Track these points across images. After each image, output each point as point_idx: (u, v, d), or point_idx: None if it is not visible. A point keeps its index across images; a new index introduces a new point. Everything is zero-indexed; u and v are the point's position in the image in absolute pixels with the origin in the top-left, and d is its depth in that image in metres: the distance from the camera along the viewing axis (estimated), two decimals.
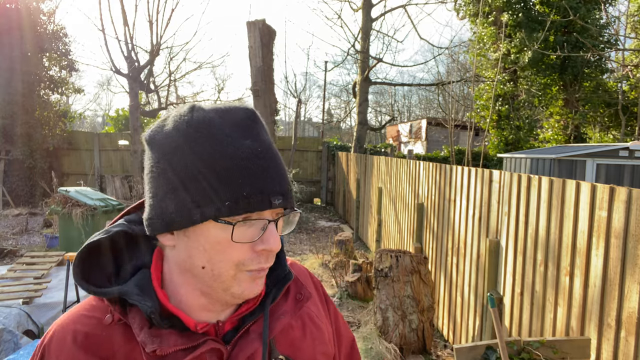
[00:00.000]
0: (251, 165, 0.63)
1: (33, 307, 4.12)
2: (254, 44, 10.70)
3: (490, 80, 14.02)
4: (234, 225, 0.63)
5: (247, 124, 0.66)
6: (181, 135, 0.64)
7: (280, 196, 0.65)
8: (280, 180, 0.65)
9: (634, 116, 13.59)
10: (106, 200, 6.57)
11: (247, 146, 0.64)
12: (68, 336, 0.67)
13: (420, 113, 39.01)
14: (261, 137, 0.66)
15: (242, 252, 0.65)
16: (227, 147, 0.63)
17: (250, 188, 0.62)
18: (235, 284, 0.67)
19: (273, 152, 0.66)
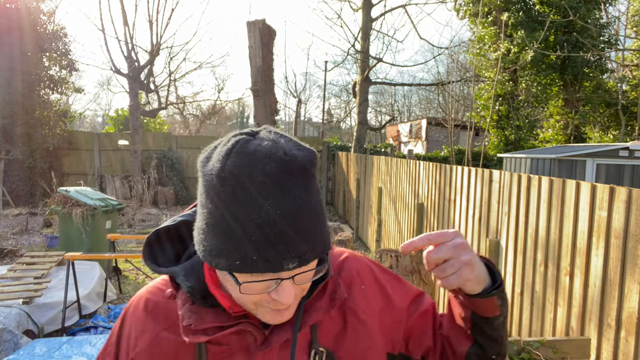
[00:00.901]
0: (264, 232, 0.63)
1: (33, 307, 4.11)
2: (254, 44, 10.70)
3: (490, 80, 14.02)
4: (239, 285, 0.66)
5: (279, 179, 0.64)
6: (213, 181, 0.66)
7: (296, 259, 0.65)
8: (298, 244, 0.65)
9: (634, 116, 13.59)
10: (106, 200, 6.57)
11: (265, 211, 0.63)
12: (141, 303, 0.82)
13: (420, 113, 39.00)
14: (290, 195, 0.64)
15: (257, 297, 0.69)
16: (246, 208, 0.63)
17: (260, 254, 0.64)
18: (260, 314, 0.72)
19: (298, 214, 0.65)
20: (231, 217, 0.64)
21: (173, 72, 17.77)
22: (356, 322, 0.82)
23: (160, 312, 0.80)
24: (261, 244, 0.63)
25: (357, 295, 0.85)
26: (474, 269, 0.73)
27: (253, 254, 0.64)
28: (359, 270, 0.89)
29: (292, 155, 0.65)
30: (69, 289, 4.27)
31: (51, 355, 3.29)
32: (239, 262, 0.64)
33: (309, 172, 0.67)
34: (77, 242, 6.10)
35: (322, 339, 0.80)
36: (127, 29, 12.48)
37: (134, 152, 12.66)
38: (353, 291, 0.85)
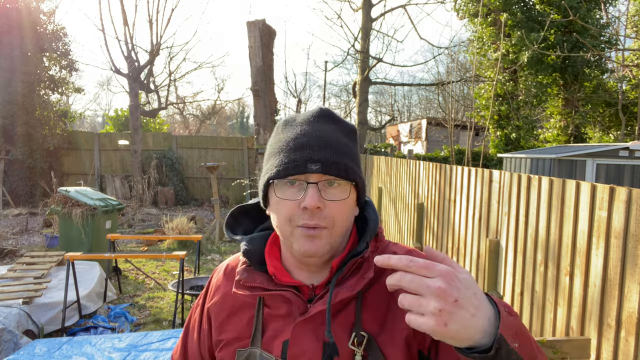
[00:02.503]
0: (297, 141, 0.83)
1: (33, 307, 4.11)
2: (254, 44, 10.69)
3: (490, 80, 14.02)
4: (274, 182, 0.83)
5: (313, 116, 0.87)
6: (274, 130, 0.92)
7: (319, 163, 0.81)
8: (320, 151, 0.82)
9: (634, 116, 13.59)
10: (106, 200, 6.57)
11: (300, 129, 0.85)
12: (223, 266, 1.02)
13: (420, 113, 39.00)
14: (318, 124, 0.86)
15: (290, 208, 0.82)
16: (288, 133, 0.86)
17: (291, 157, 0.82)
18: (294, 240, 0.83)
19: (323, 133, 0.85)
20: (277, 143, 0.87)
21: (173, 72, 17.77)
22: (397, 310, 0.83)
23: (233, 275, 0.95)
24: (292, 150, 0.83)
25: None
26: (448, 322, 0.59)
27: (285, 159, 0.83)
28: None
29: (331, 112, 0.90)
30: (69, 289, 4.27)
31: (51, 355, 3.29)
32: (275, 169, 0.83)
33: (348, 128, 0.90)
34: (77, 242, 6.09)
35: (367, 323, 0.85)
36: (127, 29, 12.48)
37: (134, 152, 12.66)
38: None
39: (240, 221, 1.01)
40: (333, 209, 0.82)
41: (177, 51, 26.99)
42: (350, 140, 0.88)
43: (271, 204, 0.87)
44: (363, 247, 0.87)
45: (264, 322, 0.89)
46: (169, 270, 6.83)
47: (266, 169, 0.87)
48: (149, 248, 8.14)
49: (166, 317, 4.92)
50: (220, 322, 0.95)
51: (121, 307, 5.07)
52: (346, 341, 0.83)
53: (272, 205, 0.87)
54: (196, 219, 9.88)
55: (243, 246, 0.93)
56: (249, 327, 0.90)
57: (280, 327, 0.87)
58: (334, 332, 0.83)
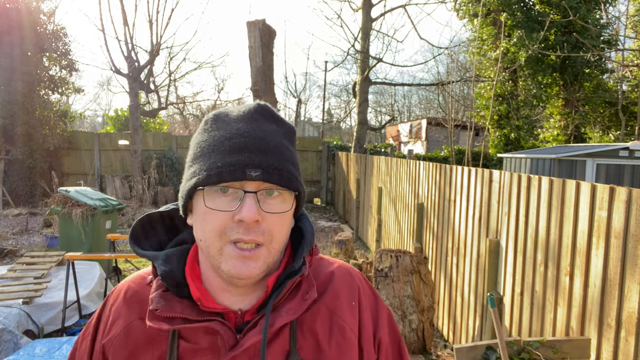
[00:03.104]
0: (233, 142, 0.70)
1: (33, 307, 4.11)
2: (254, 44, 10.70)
3: (490, 80, 14.02)
4: (203, 190, 0.70)
5: (251, 113, 0.74)
6: (200, 127, 0.77)
7: (259, 170, 0.69)
8: (261, 155, 0.70)
9: (634, 116, 13.59)
10: (106, 200, 6.57)
11: (236, 128, 0.72)
12: (123, 290, 0.82)
13: (420, 113, 39.00)
14: (257, 123, 0.73)
15: (222, 220, 0.69)
16: (221, 130, 0.73)
17: (225, 160, 0.69)
18: (223, 260, 0.70)
19: (263, 134, 0.72)
20: (205, 141, 0.73)
21: (173, 72, 17.76)
22: (341, 339, 0.77)
23: (138, 300, 0.78)
24: (227, 151, 0.70)
25: (345, 311, 0.79)
26: None
27: (219, 162, 0.69)
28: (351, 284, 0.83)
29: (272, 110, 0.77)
30: (69, 289, 4.27)
31: (51, 356, 3.29)
32: (205, 173, 0.69)
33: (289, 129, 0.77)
34: (77, 242, 6.09)
35: (302, 351, 0.74)
36: (127, 29, 12.48)
37: (134, 152, 12.66)
38: (342, 305, 0.80)
39: (150, 233, 0.83)
40: (272, 223, 0.71)
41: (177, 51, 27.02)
42: (291, 144, 0.77)
43: (196, 213, 0.73)
44: (300, 263, 0.76)
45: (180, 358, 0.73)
46: None
47: (192, 172, 0.72)
48: None
49: None
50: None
51: None
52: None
53: (198, 215, 0.72)
54: None
55: (159, 266, 0.75)
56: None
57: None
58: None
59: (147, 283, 0.79)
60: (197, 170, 0.71)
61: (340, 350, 0.76)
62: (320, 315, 0.77)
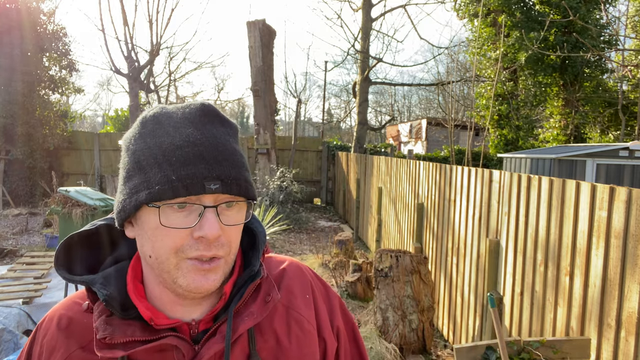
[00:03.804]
0: (185, 151, 0.64)
1: (33, 307, 4.11)
2: (254, 44, 10.68)
3: (490, 79, 14.03)
4: (159, 208, 0.64)
5: (197, 116, 0.67)
6: (136, 129, 0.68)
7: (218, 182, 0.64)
8: (219, 166, 0.65)
9: (634, 116, 13.59)
10: (106, 200, 6.57)
11: (186, 134, 0.65)
12: (55, 319, 0.73)
13: (420, 113, 39.00)
14: (207, 127, 0.67)
15: (179, 238, 0.65)
16: (168, 137, 0.65)
17: (180, 172, 0.63)
18: (180, 274, 0.66)
19: (216, 141, 0.66)
20: (150, 149, 0.65)
21: (173, 72, 17.77)
22: (300, 333, 0.76)
23: (76, 329, 0.71)
24: (181, 163, 0.63)
25: (300, 304, 0.79)
26: None
27: (172, 174, 0.62)
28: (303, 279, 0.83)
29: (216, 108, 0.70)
30: (69, 289, 4.27)
31: None
32: (158, 187, 0.63)
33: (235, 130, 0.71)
34: None
35: (263, 351, 0.73)
36: (127, 29, 12.49)
37: None
38: (297, 299, 0.79)
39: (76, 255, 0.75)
40: (231, 235, 0.68)
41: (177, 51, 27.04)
42: (240, 146, 0.72)
43: (142, 228, 0.67)
44: (258, 265, 0.75)
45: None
46: None
47: (136, 185, 0.65)
48: None
49: None
50: None
51: None
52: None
53: (146, 231, 0.66)
54: None
55: (100, 290, 0.69)
56: None
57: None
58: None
59: (83, 310, 0.72)
60: (145, 184, 0.64)
61: (300, 343, 0.76)
62: (277, 313, 0.76)
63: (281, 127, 26.31)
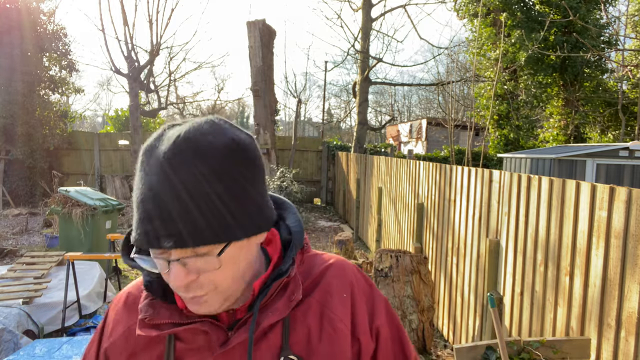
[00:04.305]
0: (144, 206, 0.66)
1: (33, 307, 4.11)
2: (254, 44, 10.68)
3: (490, 79, 14.03)
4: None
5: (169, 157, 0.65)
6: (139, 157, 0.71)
7: (172, 238, 0.64)
8: (174, 223, 0.64)
9: (634, 116, 13.58)
10: (106, 200, 6.57)
11: (150, 184, 0.65)
12: (123, 296, 0.86)
13: (420, 113, 39.02)
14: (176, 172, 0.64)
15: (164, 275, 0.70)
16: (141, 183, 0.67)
17: (141, 228, 0.66)
18: (185, 301, 0.73)
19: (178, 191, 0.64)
20: (135, 192, 0.69)
21: (173, 72, 17.76)
22: (332, 331, 0.78)
23: (136, 306, 0.80)
24: (142, 219, 0.66)
25: (336, 304, 0.81)
26: None
27: (138, 229, 0.67)
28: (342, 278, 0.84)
29: (195, 139, 0.66)
30: (69, 289, 4.27)
31: (51, 356, 3.29)
32: (133, 236, 0.68)
33: (218, 157, 0.66)
34: (77, 242, 6.09)
35: (295, 346, 0.77)
36: (127, 29, 12.48)
37: (134, 152, 12.66)
38: (333, 299, 0.81)
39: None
40: (209, 277, 0.69)
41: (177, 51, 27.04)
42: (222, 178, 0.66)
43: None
44: (288, 264, 0.78)
45: (177, 358, 0.77)
46: None
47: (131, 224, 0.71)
48: None
49: None
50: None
51: None
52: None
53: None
54: None
55: (144, 277, 0.78)
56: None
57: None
58: (259, 358, 0.75)
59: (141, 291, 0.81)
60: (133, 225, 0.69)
61: (331, 341, 0.78)
62: (312, 311, 0.79)
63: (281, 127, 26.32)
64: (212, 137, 0.67)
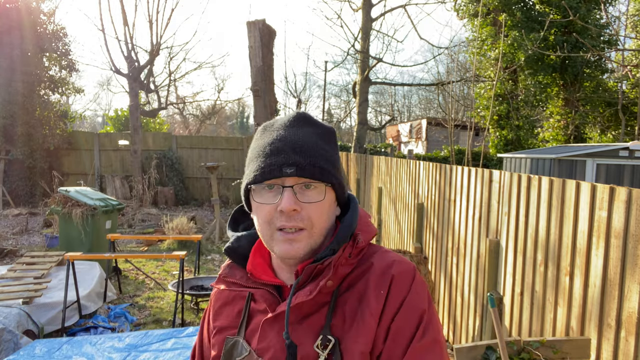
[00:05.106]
0: (273, 146, 0.86)
1: (33, 307, 4.11)
2: (254, 44, 10.69)
3: (490, 79, 14.02)
4: (252, 188, 0.87)
5: (290, 121, 0.90)
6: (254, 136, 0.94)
7: (293, 167, 0.83)
8: (295, 155, 0.84)
9: (634, 116, 13.58)
10: (106, 200, 6.57)
11: (276, 134, 0.88)
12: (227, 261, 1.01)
13: (420, 113, 39.01)
14: (294, 128, 0.88)
15: (268, 212, 0.85)
16: (266, 138, 0.89)
17: (267, 162, 0.85)
18: (274, 244, 0.86)
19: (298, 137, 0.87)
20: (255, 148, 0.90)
21: (173, 72, 17.76)
22: (361, 321, 0.84)
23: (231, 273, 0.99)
24: (269, 155, 0.85)
25: (372, 297, 0.85)
26: None
27: (262, 163, 0.85)
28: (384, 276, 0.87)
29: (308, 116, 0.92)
30: (69, 289, 4.27)
31: (51, 356, 3.29)
32: (253, 174, 0.86)
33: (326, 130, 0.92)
34: (77, 242, 6.09)
35: (334, 327, 0.85)
36: (127, 29, 12.48)
37: (134, 152, 12.65)
38: (371, 292, 0.86)
39: (242, 220, 1.04)
40: (310, 211, 0.85)
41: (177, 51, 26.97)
42: (327, 143, 0.90)
43: (252, 208, 0.91)
44: (327, 253, 0.87)
45: (250, 315, 0.94)
46: (169, 270, 6.83)
47: (246, 175, 0.90)
48: (149, 248, 8.14)
49: (166, 317, 4.92)
50: (216, 310, 1.01)
51: (121, 307, 5.07)
52: (312, 343, 0.84)
53: (253, 210, 0.90)
54: (196, 219, 9.88)
55: (227, 243, 0.97)
56: (238, 318, 0.95)
57: (259, 322, 0.91)
58: (301, 333, 0.85)
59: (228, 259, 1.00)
60: (248, 173, 0.88)
61: (359, 330, 0.84)
62: (352, 299, 0.87)
63: None
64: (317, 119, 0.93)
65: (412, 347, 0.82)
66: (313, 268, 0.86)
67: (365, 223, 0.95)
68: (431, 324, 0.85)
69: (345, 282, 0.89)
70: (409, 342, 0.83)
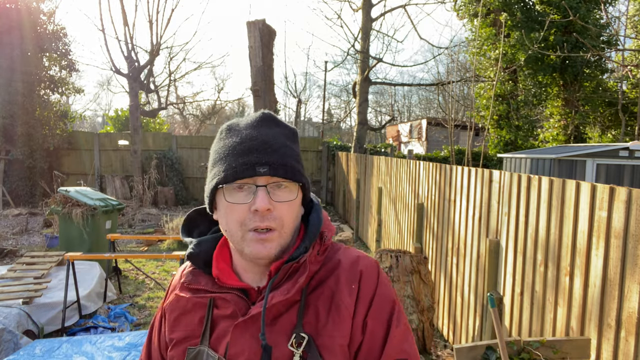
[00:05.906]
0: (244, 146, 0.85)
1: (33, 307, 4.11)
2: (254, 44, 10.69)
3: (490, 79, 14.02)
4: (223, 187, 0.85)
5: (257, 121, 0.89)
6: (217, 137, 0.93)
7: (266, 166, 0.83)
8: (268, 154, 0.84)
9: (634, 116, 13.58)
10: (106, 200, 6.57)
11: (245, 134, 0.87)
12: (182, 268, 1.00)
13: (420, 113, 39.01)
14: (264, 128, 0.88)
15: (242, 212, 0.84)
16: (234, 137, 0.88)
17: (240, 161, 0.84)
18: (245, 244, 0.85)
19: (269, 136, 0.87)
20: (222, 147, 0.88)
21: (173, 72, 17.77)
22: (337, 315, 0.86)
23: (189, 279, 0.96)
24: (240, 153, 0.84)
25: (345, 292, 0.88)
26: None
27: (233, 163, 0.84)
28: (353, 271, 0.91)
29: (273, 116, 0.91)
30: (69, 289, 4.27)
31: (51, 356, 3.29)
32: (224, 173, 0.84)
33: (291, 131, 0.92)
34: (77, 242, 6.09)
35: (306, 325, 0.86)
36: (127, 29, 12.48)
37: (134, 152, 12.65)
38: (343, 287, 0.88)
39: (197, 223, 1.02)
40: (282, 210, 0.85)
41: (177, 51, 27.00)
42: (293, 143, 0.91)
43: (220, 208, 0.89)
44: (300, 251, 0.88)
45: (213, 322, 0.91)
46: (169, 270, 6.83)
47: (212, 175, 0.88)
48: (149, 248, 8.14)
49: None
50: (172, 322, 0.97)
51: (121, 307, 5.07)
52: (286, 343, 0.84)
53: (221, 210, 0.88)
54: None
55: (189, 249, 0.95)
56: (200, 327, 0.92)
57: (226, 328, 0.89)
58: (275, 334, 0.85)
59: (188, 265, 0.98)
60: (217, 172, 0.86)
61: (335, 324, 0.86)
62: (324, 295, 0.88)
63: None
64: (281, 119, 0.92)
65: (391, 335, 0.88)
66: (289, 267, 0.86)
67: (327, 221, 0.97)
68: (401, 313, 0.92)
69: (314, 279, 0.89)
70: (387, 331, 0.89)
